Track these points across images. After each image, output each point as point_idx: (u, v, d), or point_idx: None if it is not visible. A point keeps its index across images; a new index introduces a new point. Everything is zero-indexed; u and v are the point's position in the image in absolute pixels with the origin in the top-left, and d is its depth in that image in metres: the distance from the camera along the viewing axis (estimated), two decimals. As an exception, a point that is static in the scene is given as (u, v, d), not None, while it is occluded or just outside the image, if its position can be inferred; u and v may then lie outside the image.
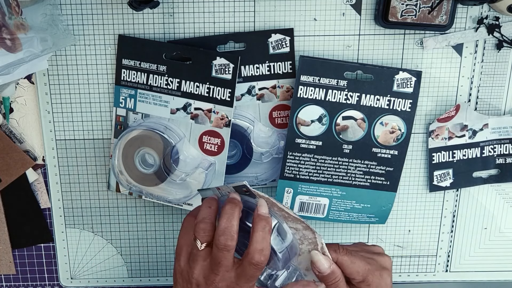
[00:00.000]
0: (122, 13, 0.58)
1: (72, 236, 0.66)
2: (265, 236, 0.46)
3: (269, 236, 0.46)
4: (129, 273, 0.68)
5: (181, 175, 0.59)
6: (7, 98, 0.60)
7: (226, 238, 0.46)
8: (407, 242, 0.66)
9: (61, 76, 0.60)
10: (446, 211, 0.65)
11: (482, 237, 0.66)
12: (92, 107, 0.61)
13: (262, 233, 0.46)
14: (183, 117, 0.59)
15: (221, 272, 0.46)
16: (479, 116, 0.61)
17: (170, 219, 0.65)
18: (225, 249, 0.46)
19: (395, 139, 0.59)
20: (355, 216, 0.62)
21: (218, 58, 0.56)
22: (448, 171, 0.63)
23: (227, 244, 0.45)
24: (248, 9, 0.57)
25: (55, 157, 0.63)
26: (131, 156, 0.60)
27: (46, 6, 0.55)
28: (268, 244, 0.46)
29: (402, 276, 0.68)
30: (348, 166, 0.60)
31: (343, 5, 0.57)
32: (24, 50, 0.50)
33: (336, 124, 0.58)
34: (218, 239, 0.46)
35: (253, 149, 0.60)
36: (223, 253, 0.46)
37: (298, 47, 0.58)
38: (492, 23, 0.58)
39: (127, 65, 0.59)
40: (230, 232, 0.46)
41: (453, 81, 0.60)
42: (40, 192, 0.64)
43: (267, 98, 0.59)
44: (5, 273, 0.67)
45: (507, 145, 0.62)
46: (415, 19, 0.56)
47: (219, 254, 0.46)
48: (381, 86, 0.57)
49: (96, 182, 0.64)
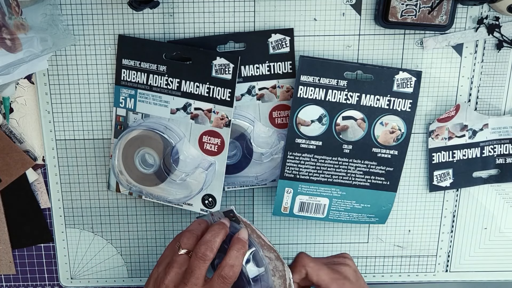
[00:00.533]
0: (122, 13, 0.58)
1: (72, 236, 0.66)
2: (238, 256, 0.49)
3: (242, 257, 0.49)
4: (129, 273, 0.68)
5: (181, 175, 0.59)
6: (7, 98, 0.60)
7: (206, 248, 0.48)
8: (407, 242, 0.66)
9: (61, 76, 0.60)
10: (446, 211, 0.65)
11: (482, 237, 0.66)
12: (92, 107, 0.61)
13: (237, 252, 0.49)
14: (183, 117, 0.59)
15: (191, 282, 0.48)
16: (479, 116, 0.61)
17: (170, 219, 0.65)
18: (202, 258, 0.48)
19: (395, 139, 0.59)
20: (355, 216, 0.62)
21: (218, 58, 0.56)
22: (448, 171, 0.63)
23: (206, 253, 0.48)
24: (248, 9, 0.57)
25: (55, 157, 0.63)
26: (131, 156, 0.60)
27: (46, 6, 0.55)
28: (239, 263, 0.49)
29: (402, 276, 0.68)
30: (348, 166, 0.60)
31: (343, 5, 0.57)
32: (24, 50, 0.50)
33: (336, 124, 0.58)
34: (199, 247, 0.48)
35: (253, 149, 0.60)
36: (199, 262, 0.48)
37: (298, 47, 0.58)
38: (492, 23, 0.58)
39: (127, 65, 0.59)
40: (211, 245, 0.49)
41: (453, 81, 0.60)
42: (40, 192, 0.65)
43: (267, 98, 0.59)
44: (5, 273, 0.67)
45: (507, 145, 0.62)
46: (415, 19, 0.56)
47: (195, 262, 0.48)
48: (381, 86, 0.57)
49: (96, 182, 0.64)
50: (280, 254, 0.52)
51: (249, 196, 0.64)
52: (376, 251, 0.67)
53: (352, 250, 0.67)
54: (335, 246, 0.67)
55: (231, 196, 0.64)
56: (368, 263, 0.67)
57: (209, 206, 0.61)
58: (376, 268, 0.68)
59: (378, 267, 0.67)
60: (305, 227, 0.66)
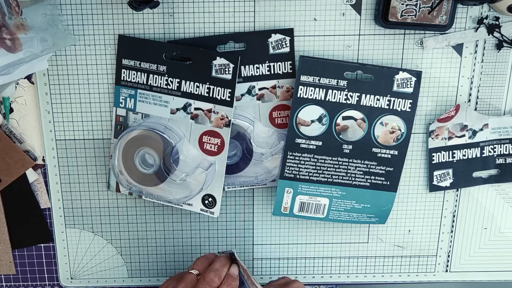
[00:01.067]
0: (122, 13, 0.58)
1: (72, 236, 0.66)
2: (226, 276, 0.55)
3: None
4: (129, 273, 0.68)
5: (181, 175, 0.59)
6: (7, 98, 0.60)
7: (215, 275, 0.54)
8: (407, 242, 0.66)
9: (61, 76, 0.60)
10: (446, 211, 0.65)
11: (482, 237, 0.66)
12: (92, 107, 0.61)
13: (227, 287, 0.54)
14: (183, 117, 0.59)
15: None
16: (479, 116, 0.61)
17: (170, 219, 0.65)
18: (209, 283, 0.53)
19: (395, 139, 0.59)
20: (355, 216, 0.62)
21: (218, 58, 0.56)
22: (448, 171, 0.63)
23: (214, 280, 0.53)
24: (248, 9, 0.57)
25: (55, 157, 0.63)
26: (131, 156, 0.60)
27: (46, 6, 0.55)
28: None
29: (402, 276, 0.68)
30: (348, 166, 0.60)
31: (343, 5, 0.57)
32: (24, 50, 0.50)
33: (336, 124, 0.58)
34: (208, 273, 0.54)
35: (253, 149, 0.60)
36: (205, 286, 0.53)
37: (298, 47, 0.58)
38: (492, 23, 0.58)
39: (127, 65, 0.59)
40: (219, 273, 0.55)
41: (453, 81, 0.60)
42: (40, 192, 0.64)
43: (267, 98, 0.59)
44: (5, 273, 0.67)
45: (507, 145, 0.62)
46: (415, 19, 0.56)
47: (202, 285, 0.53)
48: (381, 86, 0.57)
49: (96, 182, 0.64)
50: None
51: (249, 196, 0.64)
52: (376, 251, 0.67)
53: (352, 250, 0.67)
54: (335, 246, 0.67)
55: (231, 196, 0.64)
56: (368, 263, 0.67)
57: (209, 206, 0.61)
58: (376, 268, 0.68)
59: (378, 267, 0.67)
60: (305, 227, 0.66)
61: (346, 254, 0.67)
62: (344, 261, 0.67)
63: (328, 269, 0.68)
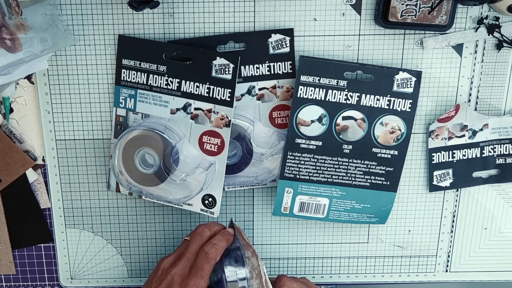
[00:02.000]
0: (122, 13, 0.58)
1: (72, 236, 0.66)
2: (222, 239, 0.54)
3: (225, 242, 0.54)
4: (129, 273, 0.68)
5: (181, 175, 0.59)
6: (7, 98, 0.60)
7: (205, 226, 0.55)
8: (407, 242, 0.66)
9: (61, 76, 0.60)
10: (446, 211, 0.65)
11: (482, 237, 0.66)
12: (92, 107, 0.61)
13: (221, 237, 0.54)
14: (183, 117, 0.59)
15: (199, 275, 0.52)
16: (479, 116, 0.61)
17: (170, 219, 0.65)
18: (207, 257, 0.52)
19: (395, 139, 0.59)
20: (355, 216, 0.62)
21: (218, 58, 0.56)
22: (448, 171, 0.63)
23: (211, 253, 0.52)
24: (248, 9, 0.57)
25: (55, 157, 0.63)
26: (131, 156, 0.60)
27: (46, 6, 0.55)
28: (222, 246, 0.54)
29: (402, 276, 0.68)
30: (348, 166, 0.60)
31: (343, 5, 0.57)
32: (24, 50, 0.50)
33: (336, 124, 0.58)
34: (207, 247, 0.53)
35: (253, 149, 0.60)
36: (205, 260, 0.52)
37: (298, 47, 0.58)
38: (492, 23, 0.58)
39: (127, 65, 0.59)
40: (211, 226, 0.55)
41: (453, 81, 0.60)
42: (40, 192, 0.64)
43: (267, 98, 0.59)
44: (5, 273, 0.67)
45: (507, 145, 0.62)
46: (415, 19, 0.56)
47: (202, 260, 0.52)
48: (381, 86, 0.57)
49: (96, 182, 0.64)
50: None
51: (249, 196, 0.64)
52: (376, 251, 0.67)
53: (352, 250, 0.67)
54: (335, 246, 0.67)
55: (231, 196, 0.64)
56: (368, 263, 0.67)
57: (209, 206, 0.61)
58: (376, 268, 0.68)
59: (378, 267, 0.67)
60: (305, 227, 0.66)
61: (346, 254, 0.67)
62: (344, 261, 0.67)
63: (328, 269, 0.68)
